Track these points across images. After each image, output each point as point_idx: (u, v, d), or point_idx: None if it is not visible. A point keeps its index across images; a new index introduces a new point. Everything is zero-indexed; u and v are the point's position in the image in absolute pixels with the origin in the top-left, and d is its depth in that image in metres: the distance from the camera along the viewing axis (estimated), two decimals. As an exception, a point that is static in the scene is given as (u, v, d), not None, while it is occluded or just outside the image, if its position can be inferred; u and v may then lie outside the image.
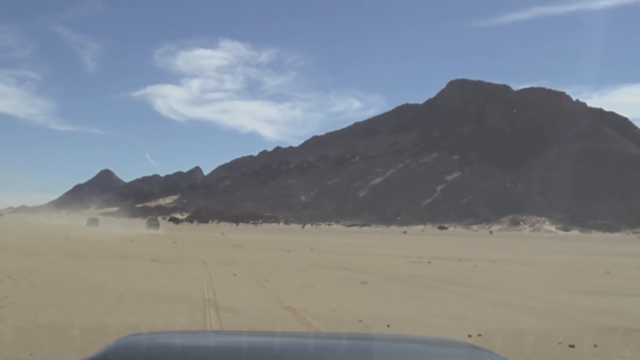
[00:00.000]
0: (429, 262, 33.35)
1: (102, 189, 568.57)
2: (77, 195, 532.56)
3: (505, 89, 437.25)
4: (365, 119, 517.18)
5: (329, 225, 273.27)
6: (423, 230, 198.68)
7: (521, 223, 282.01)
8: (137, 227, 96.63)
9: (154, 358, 2.51)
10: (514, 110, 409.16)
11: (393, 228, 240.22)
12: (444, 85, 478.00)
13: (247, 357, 2.70)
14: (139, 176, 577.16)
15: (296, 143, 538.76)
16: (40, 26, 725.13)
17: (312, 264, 29.74)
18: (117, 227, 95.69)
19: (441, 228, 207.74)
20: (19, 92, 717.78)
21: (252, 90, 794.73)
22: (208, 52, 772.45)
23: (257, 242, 59.18)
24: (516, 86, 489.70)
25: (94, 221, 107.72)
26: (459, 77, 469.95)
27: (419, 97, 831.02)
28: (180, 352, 2.73)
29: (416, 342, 3.27)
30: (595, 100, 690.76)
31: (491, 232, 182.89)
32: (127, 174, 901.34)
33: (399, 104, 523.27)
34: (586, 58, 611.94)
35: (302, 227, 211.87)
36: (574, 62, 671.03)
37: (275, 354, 2.77)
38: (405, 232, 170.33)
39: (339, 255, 38.29)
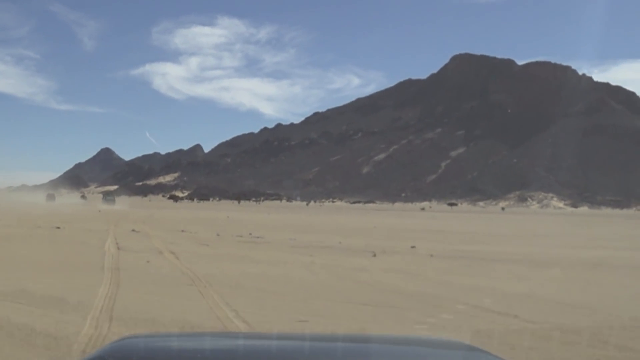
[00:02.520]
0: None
1: (103, 167, 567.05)
2: (78, 174, 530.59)
3: (510, 63, 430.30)
4: (366, 95, 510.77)
5: (333, 202, 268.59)
6: (431, 207, 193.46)
7: (529, 199, 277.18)
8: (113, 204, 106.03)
9: None
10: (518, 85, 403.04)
11: (398, 205, 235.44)
12: (446, 61, 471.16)
13: (244, 359, 2.70)
14: (140, 154, 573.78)
15: (296, 120, 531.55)
16: (37, 4, 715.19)
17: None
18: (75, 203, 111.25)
19: (451, 205, 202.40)
20: (17, 71, 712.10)
21: (251, 67, 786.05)
22: (206, 30, 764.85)
23: (272, 229, 45.21)
24: (521, 60, 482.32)
25: (50, 197, 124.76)
26: (462, 52, 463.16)
27: (421, 73, 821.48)
28: (176, 354, 2.71)
29: (413, 344, 3.28)
30: (601, 75, 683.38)
31: (503, 209, 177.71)
32: (127, 152, 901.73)
33: (400, 79, 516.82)
34: (591, 32, 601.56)
35: (307, 204, 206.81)
36: (579, 37, 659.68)
37: (272, 356, 2.76)
38: (423, 209, 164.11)
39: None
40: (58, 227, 37.16)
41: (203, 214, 76.75)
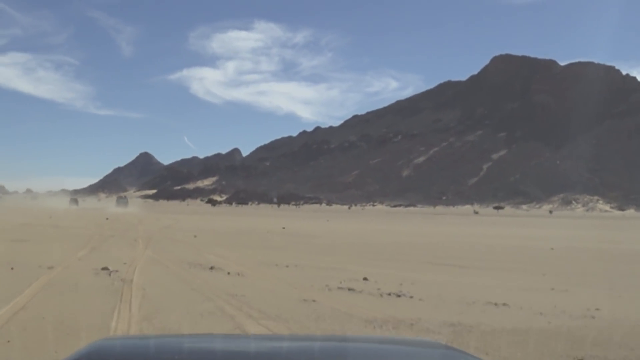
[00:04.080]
0: None
1: (141, 171, 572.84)
2: (117, 179, 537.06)
3: (551, 63, 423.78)
4: (404, 97, 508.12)
5: (373, 205, 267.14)
6: (477, 212, 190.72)
7: (573, 202, 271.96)
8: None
9: None
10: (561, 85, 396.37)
11: (440, 208, 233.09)
12: (486, 62, 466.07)
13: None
14: (178, 158, 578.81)
15: (334, 123, 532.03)
16: (75, 11, 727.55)
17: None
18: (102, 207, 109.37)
19: (497, 208, 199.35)
20: (56, 76, 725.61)
21: (287, 71, 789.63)
22: (243, 34, 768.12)
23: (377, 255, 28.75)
24: (562, 61, 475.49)
25: (73, 201, 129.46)
26: (503, 53, 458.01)
27: (460, 75, 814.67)
28: (153, 356, 2.67)
29: (391, 343, 3.27)
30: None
31: (550, 212, 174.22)
32: (166, 157, 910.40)
33: (439, 82, 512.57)
34: (635, 32, 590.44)
35: (349, 207, 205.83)
36: (623, 37, 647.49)
37: (250, 357, 2.74)
38: (476, 212, 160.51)
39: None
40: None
41: (245, 222, 64.78)
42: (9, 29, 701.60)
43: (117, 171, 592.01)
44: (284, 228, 47.14)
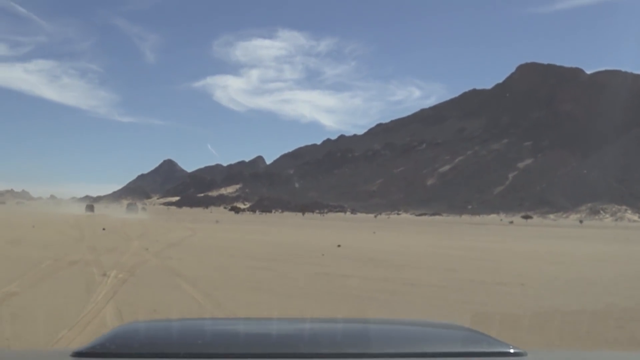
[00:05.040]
0: None
1: (165, 178, 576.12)
2: (140, 185, 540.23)
3: (577, 72, 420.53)
4: (428, 106, 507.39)
5: (398, 214, 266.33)
6: (501, 220, 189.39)
7: (601, 212, 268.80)
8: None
9: (152, 345, 2.52)
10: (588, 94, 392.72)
11: (466, 217, 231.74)
12: (511, 71, 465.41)
13: (245, 343, 2.68)
14: (202, 166, 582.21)
15: (357, 132, 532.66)
16: (99, 18, 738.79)
17: None
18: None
19: (525, 217, 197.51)
20: (81, 84, 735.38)
21: (311, 79, 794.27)
22: (266, 42, 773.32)
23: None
24: (589, 69, 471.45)
25: (90, 207, 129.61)
26: (528, 61, 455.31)
27: (485, 83, 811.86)
28: (178, 339, 2.72)
29: (414, 326, 3.29)
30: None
31: (581, 222, 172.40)
32: (189, 164, 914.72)
33: (462, 91, 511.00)
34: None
35: (375, 216, 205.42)
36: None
37: (272, 340, 2.76)
38: (511, 222, 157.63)
39: None
40: None
41: (281, 234, 52.97)
42: (34, 37, 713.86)
43: (141, 178, 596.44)
44: (339, 246, 33.52)
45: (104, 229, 47.13)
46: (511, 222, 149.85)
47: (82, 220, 69.55)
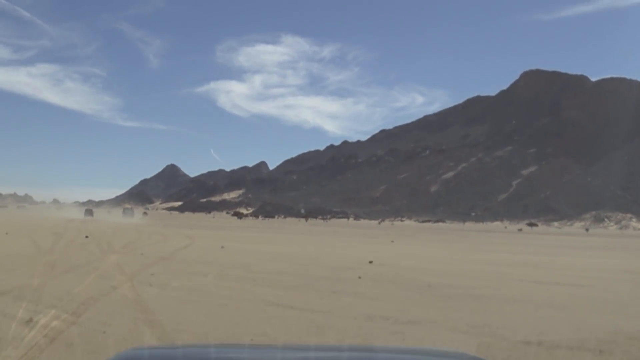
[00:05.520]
0: None
1: (168, 183, 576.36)
2: (143, 190, 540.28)
3: (582, 79, 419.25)
4: (431, 112, 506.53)
5: (402, 221, 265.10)
6: (506, 228, 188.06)
7: (606, 220, 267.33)
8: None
9: None
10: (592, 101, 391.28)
11: (470, 224, 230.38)
12: (515, 77, 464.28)
13: None
14: (205, 171, 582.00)
15: (360, 138, 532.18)
16: (103, 23, 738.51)
17: None
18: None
19: (530, 225, 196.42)
20: (84, 88, 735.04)
21: (314, 85, 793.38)
22: (270, 48, 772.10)
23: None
24: (594, 77, 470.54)
25: (88, 212, 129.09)
26: (533, 68, 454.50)
27: (489, 90, 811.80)
28: None
29: (419, 354, 3.25)
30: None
31: (587, 230, 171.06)
32: (192, 169, 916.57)
33: (466, 97, 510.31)
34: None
35: (379, 223, 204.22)
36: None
37: None
38: (520, 229, 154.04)
39: None
40: None
41: (291, 244, 47.50)
42: (38, 41, 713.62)
43: (144, 183, 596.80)
44: (371, 262, 28.00)
45: (86, 237, 43.25)
46: (520, 230, 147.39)
47: (73, 225, 67.55)
